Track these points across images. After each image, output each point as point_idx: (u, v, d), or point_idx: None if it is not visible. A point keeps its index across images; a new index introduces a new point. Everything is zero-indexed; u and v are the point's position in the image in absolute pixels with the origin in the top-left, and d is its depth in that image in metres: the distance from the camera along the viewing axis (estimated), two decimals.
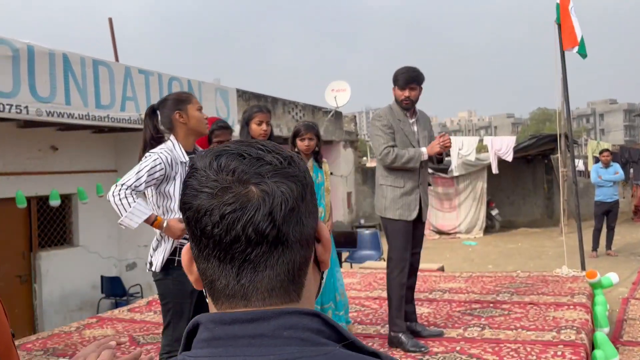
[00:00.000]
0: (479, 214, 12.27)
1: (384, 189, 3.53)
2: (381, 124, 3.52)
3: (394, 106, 3.60)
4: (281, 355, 0.55)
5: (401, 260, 3.47)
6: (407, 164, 3.44)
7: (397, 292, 3.45)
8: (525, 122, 77.55)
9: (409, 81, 3.55)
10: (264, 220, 0.57)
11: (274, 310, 0.58)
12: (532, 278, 5.17)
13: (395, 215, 3.47)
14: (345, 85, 13.48)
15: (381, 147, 3.45)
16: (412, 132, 3.57)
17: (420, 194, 3.56)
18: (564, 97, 5.95)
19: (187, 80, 8.77)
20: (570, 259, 6.31)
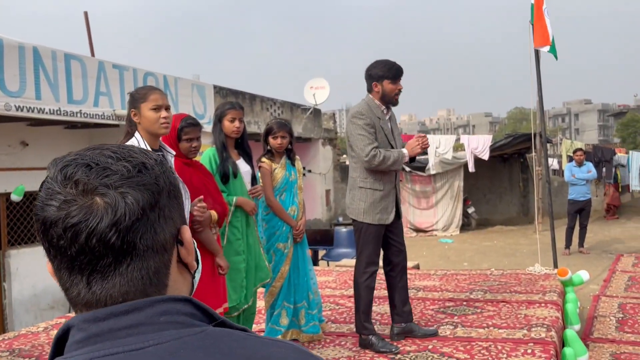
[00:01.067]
0: (455, 211, 12.38)
1: (362, 192, 3.39)
2: (364, 123, 3.35)
3: (371, 102, 3.44)
4: (160, 339, 0.57)
5: (372, 264, 3.40)
6: (392, 166, 3.35)
7: (366, 297, 3.38)
8: (503, 121, 78.59)
9: (401, 74, 3.46)
10: (108, 231, 0.59)
11: (146, 299, 0.60)
12: (505, 276, 5.23)
13: (374, 220, 3.37)
14: (324, 83, 13.46)
15: (367, 149, 3.29)
16: (389, 131, 3.48)
17: (396, 195, 3.52)
18: (538, 96, 6.02)
19: (163, 75, 8.65)
20: (543, 257, 6.40)
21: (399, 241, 3.59)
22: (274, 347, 0.61)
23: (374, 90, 3.44)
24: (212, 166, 3.07)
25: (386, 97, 3.43)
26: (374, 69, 3.44)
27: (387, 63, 3.44)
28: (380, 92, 3.42)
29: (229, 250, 3.02)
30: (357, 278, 3.43)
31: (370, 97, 3.47)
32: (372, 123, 3.36)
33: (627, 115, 42.05)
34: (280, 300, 3.47)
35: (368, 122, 3.36)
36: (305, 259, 3.58)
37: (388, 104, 3.46)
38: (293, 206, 3.55)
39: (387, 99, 3.43)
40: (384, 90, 3.41)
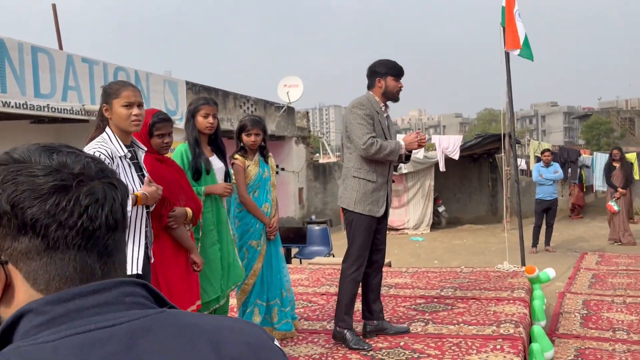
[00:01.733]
0: (426, 210, 12.53)
1: (355, 182, 3.44)
2: (364, 113, 3.43)
3: (371, 98, 3.53)
4: (129, 317, 0.60)
5: (361, 257, 3.42)
6: (389, 156, 3.40)
7: (350, 289, 3.40)
8: (473, 122, 79.93)
9: (403, 73, 3.57)
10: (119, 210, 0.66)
11: (112, 281, 0.63)
12: (475, 274, 5.33)
13: (364, 210, 3.41)
14: (298, 81, 13.46)
15: (365, 137, 3.36)
16: (386, 126, 3.56)
17: (387, 190, 3.55)
18: (508, 98, 6.15)
19: (134, 70, 8.51)
20: (511, 255, 6.55)
21: (382, 239, 3.63)
22: (230, 321, 0.67)
23: (376, 86, 3.54)
24: (184, 162, 3.04)
25: (388, 94, 3.53)
26: (379, 66, 3.56)
27: (390, 61, 3.57)
28: (383, 88, 3.52)
29: (204, 241, 3.01)
30: (344, 270, 3.46)
31: (371, 93, 3.56)
32: (371, 114, 3.45)
33: (591, 118, 43.22)
34: (253, 297, 3.46)
35: (368, 112, 3.44)
36: (278, 256, 3.59)
37: (389, 100, 3.57)
38: (266, 203, 3.54)
39: (389, 95, 3.54)
40: (387, 86, 3.52)
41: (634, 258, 7.75)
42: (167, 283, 2.61)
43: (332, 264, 6.29)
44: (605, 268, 7.09)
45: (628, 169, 9.68)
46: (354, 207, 3.43)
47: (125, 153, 2.39)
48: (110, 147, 2.35)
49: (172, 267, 2.63)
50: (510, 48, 5.73)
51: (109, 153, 2.31)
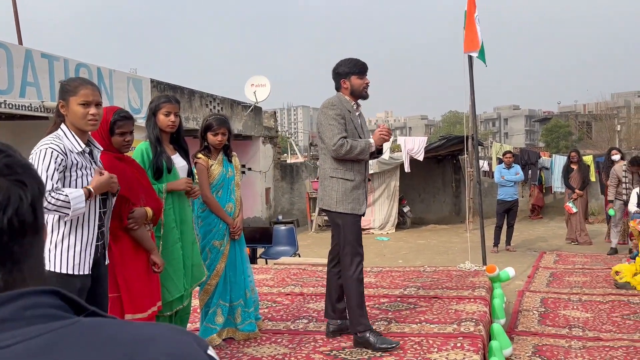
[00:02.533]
0: (391, 210, 12.67)
1: (334, 182, 3.43)
2: (335, 113, 3.42)
3: (342, 97, 3.53)
4: (25, 335, 0.53)
5: (357, 254, 3.39)
6: (359, 155, 3.40)
7: (357, 289, 3.34)
8: (438, 124, 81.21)
9: (366, 69, 3.55)
10: (28, 211, 0.59)
11: (7, 294, 0.56)
12: (437, 273, 5.41)
13: (347, 209, 3.39)
14: (265, 81, 13.41)
15: (335, 138, 3.35)
16: (358, 124, 3.56)
17: (365, 187, 3.56)
18: (471, 100, 6.27)
19: (97, 67, 8.31)
20: (473, 254, 6.68)
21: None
22: (152, 328, 0.60)
23: (342, 87, 3.54)
24: (145, 161, 2.99)
25: (356, 92, 3.53)
26: (340, 67, 3.54)
27: (351, 60, 3.55)
28: (349, 88, 3.52)
29: (166, 240, 2.97)
30: (345, 272, 3.40)
31: (340, 93, 3.56)
32: (342, 114, 3.43)
33: (551, 121, 44.47)
34: (216, 298, 3.43)
35: (339, 112, 3.43)
36: (242, 256, 3.57)
37: (358, 98, 3.56)
38: (230, 203, 3.52)
39: (356, 94, 3.53)
40: (352, 85, 3.51)
41: (589, 257, 8.02)
42: (126, 284, 2.56)
43: (297, 263, 6.29)
44: (562, 267, 7.32)
45: (585, 171, 10.02)
46: (336, 207, 3.41)
47: (84, 148, 2.33)
48: (65, 142, 2.28)
49: (132, 268, 2.58)
50: (469, 50, 5.87)
51: (62, 149, 2.25)
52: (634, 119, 37.25)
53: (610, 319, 4.69)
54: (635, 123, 35.18)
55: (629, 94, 64.52)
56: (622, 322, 4.61)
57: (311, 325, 3.77)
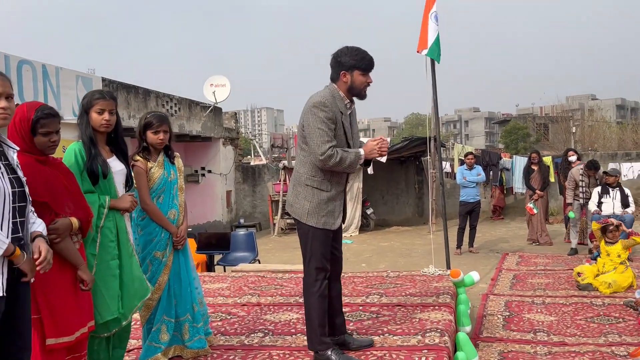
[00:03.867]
0: (355, 213, 12.51)
1: (308, 191, 3.09)
2: (326, 116, 3.02)
3: (336, 93, 3.11)
4: None
5: (322, 270, 3.10)
6: (348, 168, 3.06)
7: (319, 307, 3.07)
8: (401, 126, 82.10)
9: (373, 66, 3.14)
10: None
11: None
12: (401, 278, 5.24)
13: (319, 224, 3.08)
14: (225, 81, 13.06)
15: (325, 147, 2.98)
16: (348, 127, 3.18)
17: (343, 199, 3.23)
18: (433, 102, 6.14)
19: (42, 64, 7.83)
20: (437, 257, 6.55)
21: (338, 247, 3.34)
22: None
23: (341, 80, 3.11)
24: (78, 163, 2.67)
25: (354, 90, 3.13)
26: (345, 56, 3.10)
27: (360, 51, 3.13)
28: (349, 83, 3.11)
29: (103, 255, 2.66)
30: (308, 287, 3.12)
31: (335, 87, 3.14)
32: (334, 117, 3.05)
33: (510, 123, 45.44)
34: (159, 314, 3.12)
35: (330, 116, 3.04)
36: (188, 267, 3.27)
37: (355, 96, 3.18)
38: (173, 210, 3.22)
39: (355, 91, 3.14)
40: (354, 81, 3.11)
41: (551, 258, 8.03)
42: (49, 305, 2.24)
43: (256, 270, 6.01)
44: (525, 268, 7.28)
45: (545, 172, 10.09)
46: (307, 220, 3.09)
47: None
48: None
49: (56, 286, 2.26)
50: (421, 49, 5.74)
51: None
52: (588, 121, 38.45)
53: (575, 322, 4.61)
54: (589, 125, 36.29)
55: (583, 97, 66.78)
56: (586, 325, 4.53)
57: (267, 339, 3.50)
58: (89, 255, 2.62)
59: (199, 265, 6.73)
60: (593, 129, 34.15)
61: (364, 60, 3.13)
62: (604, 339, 4.18)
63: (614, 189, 7.87)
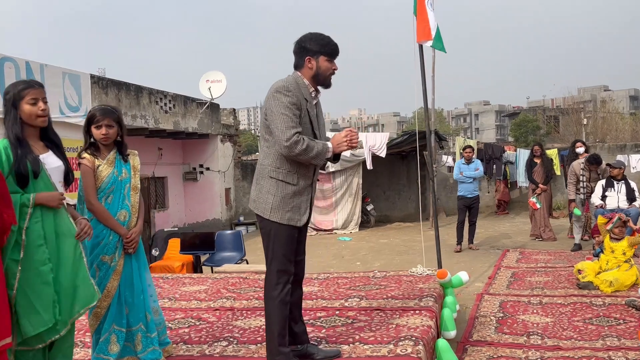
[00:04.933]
0: (355, 209, 12.24)
1: (272, 184, 2.88)
2: (289, 102, 2.81)
3: (300, 81, 2.93)
4: None
5: (285, 273, 2.88)
6: (314, 159, 2.84)
7: (280, 314, 2.85)
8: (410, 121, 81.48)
9: (338, 52, 2.98)
10: None
11: None
12: (387, 278, 4.97)
13: (283, 219, 2.86)
14: (221, 76, 12.82)
15: (289, 132, 2.76)
16: (314, 116, 2.98)
17: (311, 194, 3.01)
18: (423, 92, 5.84)
19: (25, 61, 7.64)
20: (432, 254, 6.26)
21: (301, 250, 3.09)
22: None
23: (305, 67, 2.94)
24: (2, 164, 2.43)
25: (320, 77, 2.95)
26: (310, 41, 2.93)
27: (324, 37, 2.96)
28: (314, 70, 2.93)
29: (28, 263, 2.41)
30: (269, 291, 2.89)
31: (299, 74, 2.96)
32: (298, 103, 2.85)
33: (520, 116, 44.76)
34: (108, 323, 2.89)
35: (294, 101, 2.83)
36: (141, 273, 3.03)
37: (320, 84, 2.98)
38: (123, 210, 2.97)
39: (320, 79, 2.96)
40: (319, 67, 2.93)
41: (553, 254, 7.71)
42: None
43: (239, 271, 5.78)
44: (525, 266, 6.98)
45: (548, 165, 9.73)
46: (269, 215, 2.87)
47: None
48: None
49: None
50: (422, 40, 5.43)
51: None
52: (600, 113, 37.76)
53: (572, 324, 4.33)
54: (601, 117, 35.64)
55: (595, 89, 65.68)
56: (583, 327, 4.25)
57: (230, 348, 3.26)
58: (10, 261, 2.37)
59: (184, 266, 6.52)
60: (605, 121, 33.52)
61: (329, 45, 2.95)
62: (601, 343, 3.90)
63: (618, 182, 7.53)
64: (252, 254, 8.13)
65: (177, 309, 4.25)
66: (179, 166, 13.59)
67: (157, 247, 7.74)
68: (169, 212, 13.00)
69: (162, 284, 5.26)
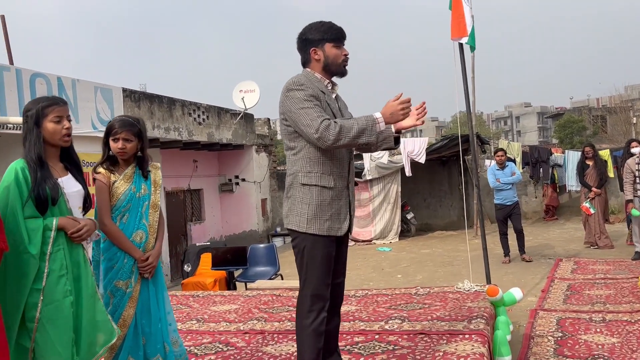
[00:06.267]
0: (394, 218, 11.81)
1: (306, 191, 2.53)
2: (306, 94, 2.51)
3: (311, 76, 2.64)
4: None
5: (320, 299, 2.54)
6: (361, 138, 2.44)
7: (313, 345, 2.51)
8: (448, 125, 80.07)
9: (344, 35, 2.68)
10: None
11: None
12: (431, 296, 4.57)
13: (322, 230, 2.51)
14: (254, 86, 12.67)
15: (317, 121, 2.43)
16: (337, 110, 2.65)
17: (349, 198, 2.65)
18: (465, 93, 5.44)
19: (57, 77, 7.63)
20: (479, 267, 5.80)
21: (340, 270, 2.73)
22: None
23: (313, 60, 2.64)
24: (20, 187, 2.22)
25: (331, 66, 2.64)
26: (311, 31, 2.65)
27: (324, 23, 2.66)
28: (323, 60, 2.63)
29: (52, 292, 2.20)
30: (301, 319, 2.57)
31: (309, 70, 2.67)
32: (316, 94, 2.55)
33: (564, 117, 43.18)
34: (124, 354, 2.62)
35: (310, 92, 2.53)
36: (160, 300, 2.75)
37: (334, 74, 2.67)
38: (140, 231, 2.71)
39: (332, 68, 2.64)
40: (327, 56, 2.63)
41: (612, 264, 7.11)
42: None
43: (272, 288, 5.49)
44: (581, 277, 6.43)
45: (602, 167, 9.07)
46: (307, 227, 2.51)
47: None
48: None
49: None
50: (457, 36, 5.05)
51: None
52: None
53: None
54: None
55: None
56: None
57: None
58: (33, 290, 2.18)
59: (217, 282, 6.28)
60: None
61: (332, 30, 2.65)
62: None
63: None
64: (289, 267, 7.84)
65: (205, 332, 3.98)
66: (214, 178, 13.49)
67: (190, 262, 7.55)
68: (205, 224, 12.89)
69: (192, 302, 5.01)
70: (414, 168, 11.39)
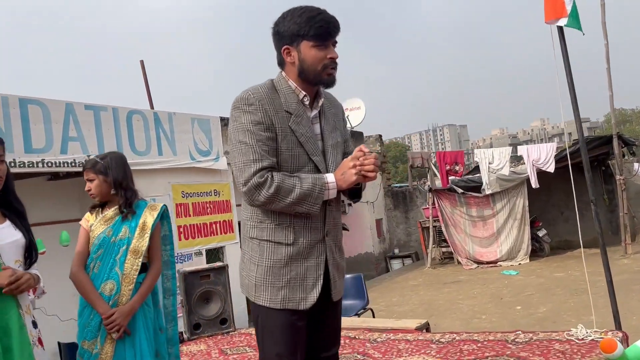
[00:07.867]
0: (522, 236, 10.39)
1: (255, 248, 1.91)
2: (251, 121, 1.84)
3: (281, 84, 1.93)
4: None
5: None
6: (299, 205, 1.82)
7: None
8: (602, 125, 72.20)
9: (331, 30, 1.88)
10: None
11: None
12: (531, 345, 3.57)
13: (274, 301, 1.86)
14: (360, 103, 12.23)
15: (250, 170, 1.81)
16: (311, 136, 1.92)
17: (326, 255, 1.93)
18: (568, 83, 4.37)
19: (153, 112, 7.83)
20: (624, 295, 4.55)
21: (324, 341, 2.01)
22: None
23: (286, 62, 1.92)
24: None
25: (308, 73, 1.89)
26: (284, 21, 1.90)
27: (305, 10, 1.86)
28: (298, 63, 1.89)
29: None
30: None
31: (283, 75, 1.95)
32: (268, 122, 1.85)
33: None
34: None
35: (258, 119, 1.84)
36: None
37: (311, 83, 1.92)
38: (110, 281, 2.30)
39: (310, 76, 1.89)
40: (303, 59, 1.88)
41: None
42: None
43: (349, 328, 4.84)
44: None
45: None
46: (255, 297, 1.90)
47: None
48: None
49: None
50: (552, 18, 4.06)
51: None
52: None
53: None
54: None
55: None
56: None
57: None
58: None
59: None
60: None
61: (313, 21, 1.83)
62: None
63: None
64: (390, 295, 7.08)
65: None
66: None
67: None
68: None
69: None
70: (544, 178, 9.97)
